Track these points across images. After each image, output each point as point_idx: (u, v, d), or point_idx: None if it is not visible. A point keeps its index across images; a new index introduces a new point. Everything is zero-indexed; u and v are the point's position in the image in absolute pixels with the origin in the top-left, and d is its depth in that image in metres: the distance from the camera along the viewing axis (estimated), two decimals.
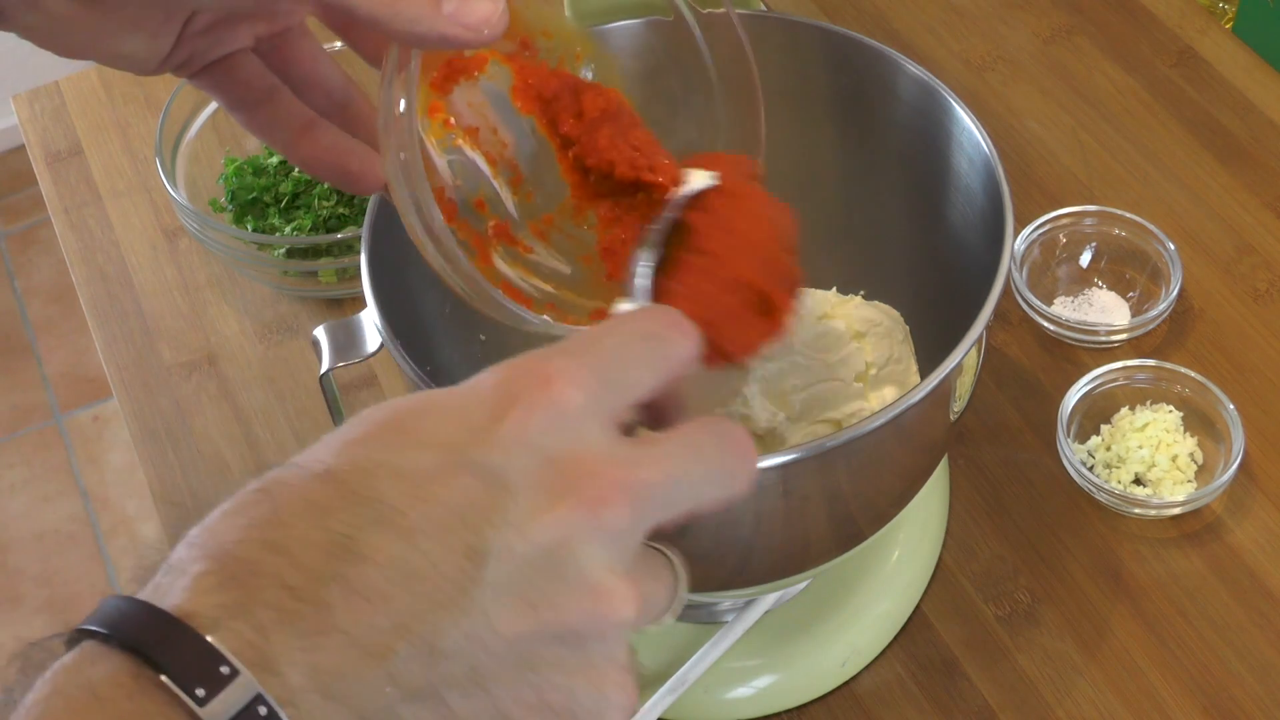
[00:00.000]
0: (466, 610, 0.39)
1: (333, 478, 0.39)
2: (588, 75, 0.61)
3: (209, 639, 0.37)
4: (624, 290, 0.59)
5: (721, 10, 0.64)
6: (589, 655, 0.40)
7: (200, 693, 0.37)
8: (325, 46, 0.64)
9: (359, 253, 0.74)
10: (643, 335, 0.45)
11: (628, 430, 0.44)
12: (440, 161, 0.57)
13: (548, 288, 0.59)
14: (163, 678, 0.37)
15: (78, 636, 0.39)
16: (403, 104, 0.53)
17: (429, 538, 0.39)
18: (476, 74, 0.58)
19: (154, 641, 0.37)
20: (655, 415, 0.47)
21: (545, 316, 0.56)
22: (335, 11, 0.59)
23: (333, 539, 0.38)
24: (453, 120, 0.57)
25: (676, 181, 0.59)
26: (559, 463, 0.40)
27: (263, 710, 0.37)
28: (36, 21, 0.55)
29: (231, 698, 0.37)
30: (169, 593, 0.39)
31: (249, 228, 0.97)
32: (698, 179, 0.59)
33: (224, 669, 0.37)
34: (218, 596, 0.38)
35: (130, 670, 0.37)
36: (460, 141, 0.57)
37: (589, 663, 0.40)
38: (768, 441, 0.73)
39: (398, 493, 0.39)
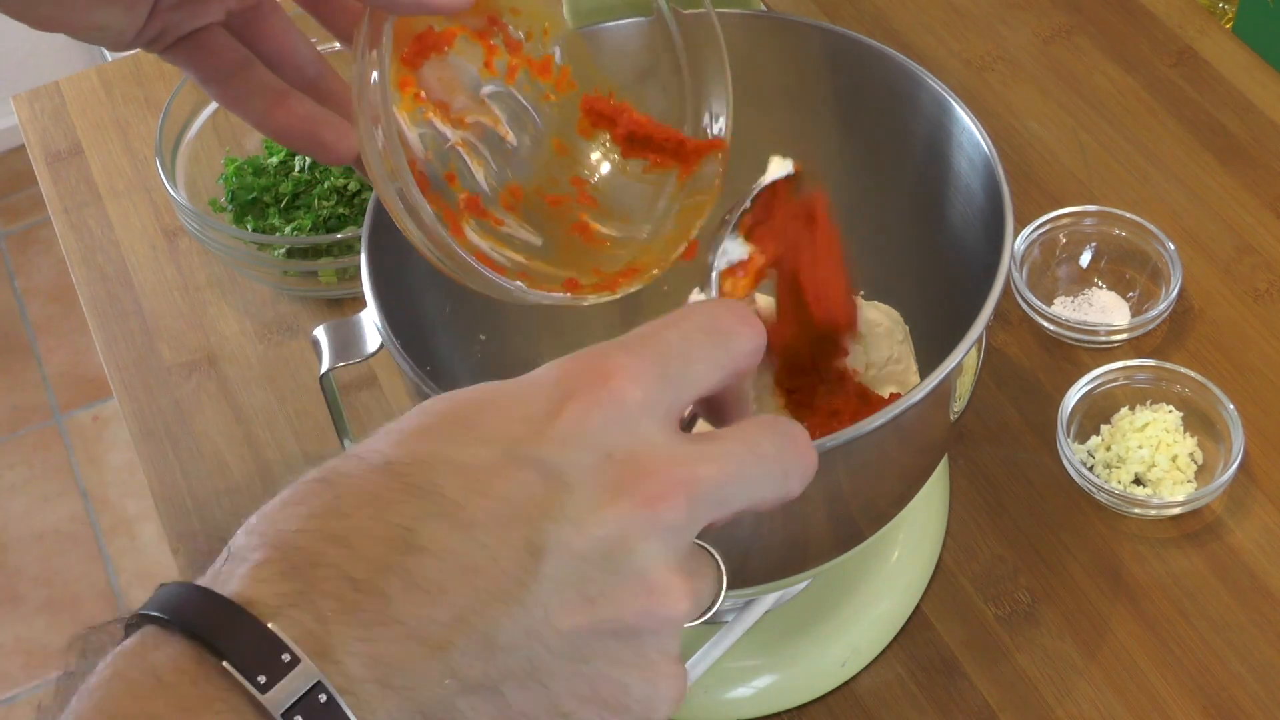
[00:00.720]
0: (525, 605, 0.39)
1: (392, 470, 0.40)
2: (556, 52, 0.61)
3: (270, 626, 0.37)
4: (704, 280, 0.61)
5: (703, 10, 0.64)
6: (643, 649, 0.41)
7: (262, 679, 0.37)
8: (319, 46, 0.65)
9: (359, 253, 0.74)
10: (706, 330, 0.44)
11: (688, 423, 0.44)
12: (411, 135, 0.58)
13: (519, 258, 0.59)
14: (225, 664, 0.37)
15: (138, 621, 0.39)
16: (375, 75, 0.53)
17: (487, 531, 0.39)
18: (446, 49, 0.58)
19: (215, 627, 0.38)
20: (716, 409, 0.47)
21: (519, 283, 0.56)
22: None
23: (393, 531, 0.39)
24: (423, 94, 0.58)
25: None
26: (617, 459, 0.40)
27: (322, 698, 0.37)
28: None
29: (292, 685, 0.37)
30: (229, 580, 0.39)
31: (249, 228, 0.97)
32: (776, 167, 0.61)
33: (285, 656, 0.37)
34: (279, 585, 0.38)
35: (192, 655, 0.38)
36: (430, 115, 0.58)
37: (642, 656, 0.41)
38: None
39: (456, 486, 0.39)
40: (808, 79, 0.77)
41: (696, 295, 0.60)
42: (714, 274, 0.62)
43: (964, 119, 0.71)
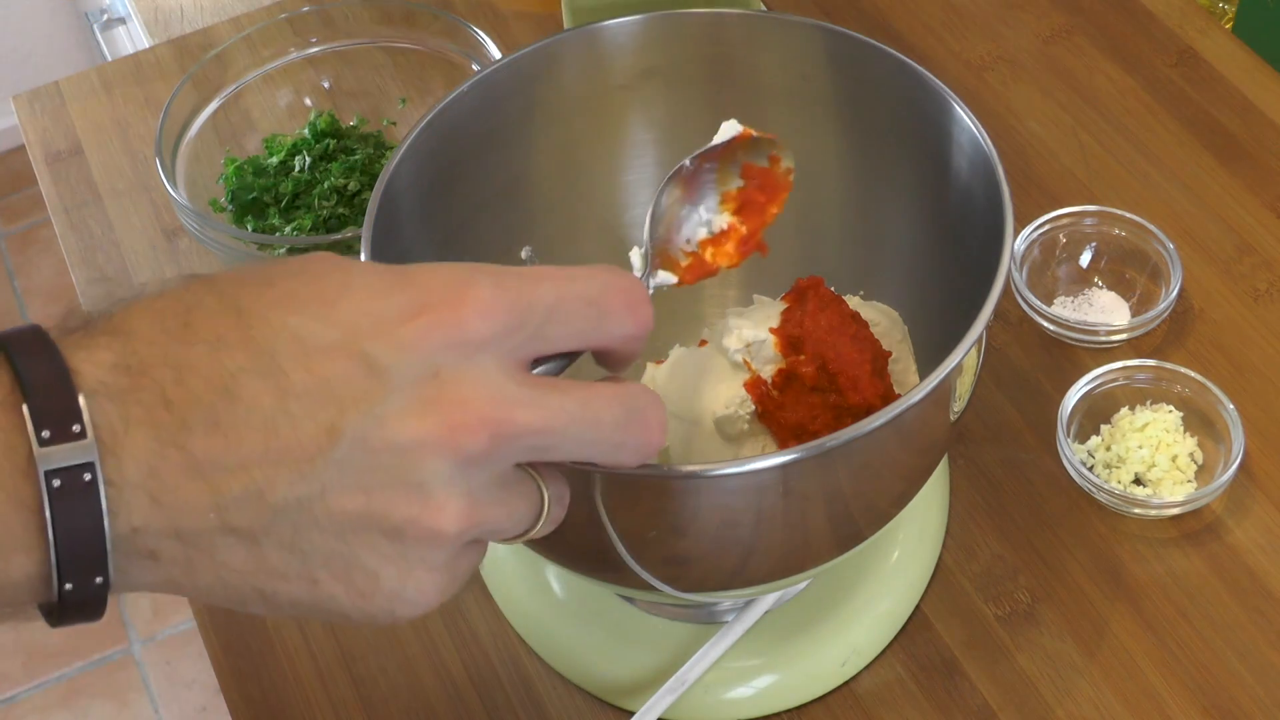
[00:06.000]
0: (306, 477, 0.42)
1: (244, 320, 0.43)
2: None
3: (79, 398, 0.41)
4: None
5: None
6: (404, 550, 0.44)
7: (46, 434, 0.41)
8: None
9: (359, 253, 0.74)
10: (586, 300, 0.46)
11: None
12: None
13: None
14: (24, 406, 0.41)
15: None
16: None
17: (299, 403, 0.42)
18: None
19: (35, 374, 0.42)
20: (600, 357, 0.49)
21: None
22: None
23: (220, 372, 0.42)
24: None
25: None
26: (442, 380, 0.43)
27: (86, 477, 0.41)
28: None
29: (68, 452, 0.41)
30: (75, 346, 0.43)
31: (249, 228, 0.97)
32: (726, 130, 0.62)
33: (75, 427, 0.41)
34: (106, 375, 0.42)
35: (4, 383, 0.42)
36: None
37: (403, 557, 0.44)
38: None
39: (290, 355, 0.43)
40: (808, 79, 0.77)
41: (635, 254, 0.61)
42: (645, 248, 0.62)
43: (964, 119, 0.71)
